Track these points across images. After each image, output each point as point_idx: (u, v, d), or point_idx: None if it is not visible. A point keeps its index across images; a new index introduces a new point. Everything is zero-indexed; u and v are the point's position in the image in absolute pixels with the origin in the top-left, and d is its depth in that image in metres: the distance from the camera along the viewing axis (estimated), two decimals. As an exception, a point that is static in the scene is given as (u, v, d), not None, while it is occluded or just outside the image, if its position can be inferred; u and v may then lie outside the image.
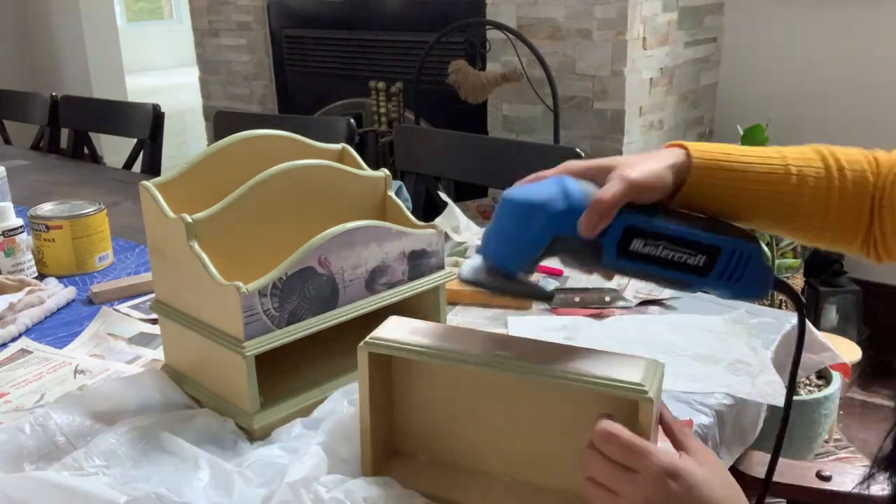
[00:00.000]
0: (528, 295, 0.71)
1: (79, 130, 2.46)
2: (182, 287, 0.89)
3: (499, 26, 2.56)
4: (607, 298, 1.16)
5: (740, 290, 0.68)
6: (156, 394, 0.89)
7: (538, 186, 0.66)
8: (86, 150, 2.47)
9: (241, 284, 0.80)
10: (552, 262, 0.70)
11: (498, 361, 0.69)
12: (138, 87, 6.52)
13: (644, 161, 0.67)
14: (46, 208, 1.34)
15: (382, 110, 3.02)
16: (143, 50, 8.85)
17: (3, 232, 1.24)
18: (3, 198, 1.63)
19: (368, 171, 1.00)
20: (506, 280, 0.68)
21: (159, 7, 10.21)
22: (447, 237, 1.33)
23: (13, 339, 1.08)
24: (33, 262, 1.31)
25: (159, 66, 9.12)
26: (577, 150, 1.52)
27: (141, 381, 0.91)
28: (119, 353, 1.06)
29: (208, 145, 0.97)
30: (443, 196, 1.51)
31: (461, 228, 1.38)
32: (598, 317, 1.12)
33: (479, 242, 0.70)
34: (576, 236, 0.64)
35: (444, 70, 2.67)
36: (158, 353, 1.03)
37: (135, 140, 2.30)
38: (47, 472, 0.74)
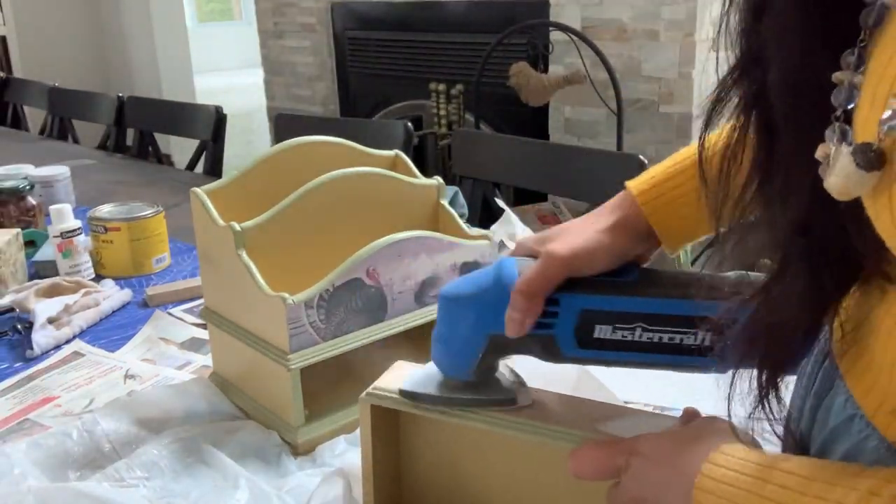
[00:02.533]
0: (487, 404, 0.59)
1: (144, 131, 2.50)
2: (230, 295, 0.88)
3: (562, 27, 2.51)
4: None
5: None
6: (203, 403, 0.89)
7: (474, 276, 0.57)
8: (150, 150, 2.51)
9: (287, 295, 0.78)
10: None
11: (507, 421, 0.59)
12: (207, 88, 6.65)
13: (578, 229, 0.57)
14: (105, 210, 1.35)
15: (442, 113, 3.00)
16: (212, 50, 9.04)
17: (62, 234, 1.26)
18: (66, 197, 1.66)
19: (421, 179, 0.97)
20: (465, 390, 0.58)
21: (230, 8, 10.41)
22: (502, 245, 1.29)
23: (67, 341, 1.09)
24: (91, 264, 1.32)
25: (228, 67, 9.29)
26: (640, 157, 1.47)
27: (188, 389, 0.91)
28: (170, 357, 1.05)
29: (271, 146, 0.96)
30: (500, 202, 1.48)
31: (518, 236, 1.34)
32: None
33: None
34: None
35: (506, 72, 2.63)
36: (208, 360, 1.02)
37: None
38: (84, 483, 0.74)
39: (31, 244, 1.36)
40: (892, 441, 0.41)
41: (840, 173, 0.37)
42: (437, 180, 0.98)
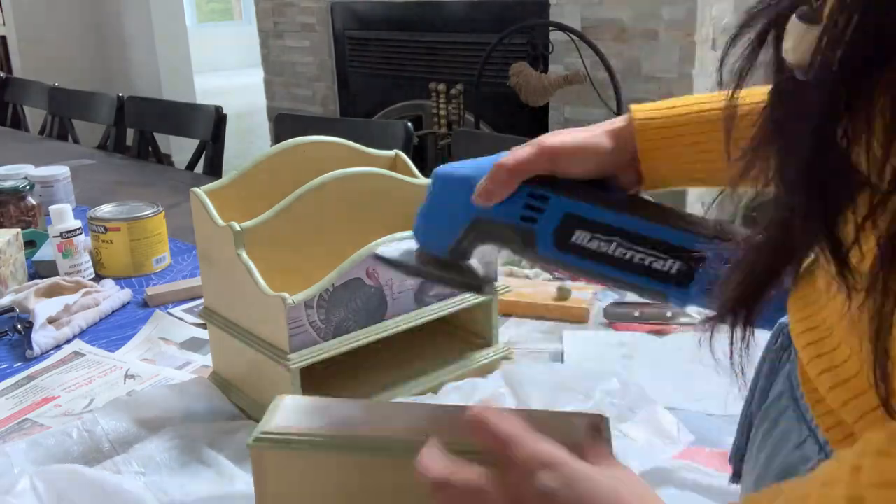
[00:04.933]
0: (454, 283, 0.61)
1: (144, 131, 2.50)
2: (230, 295, 0.88)
3: (562, 27, 2.51)
4: (669, 314, 1.11)
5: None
6: (202, 402, 0.89)
7: (473, 162, 0.59)
8: (150, 150, 2.51)
9: (286, 295, 0.78)
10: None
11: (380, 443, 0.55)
12: (207, 88, 6.66)
13: (573, 130, 0.58)
14: (105, 210, 1.35)
15: (442, 112, 3.00)
16: (212, 50, 9.03)
17: (62, 234, 1.26)
18: (66, 197, 1.66)
19: (421, 179, 0.97)
20: (436, 266, 0.59)
21: (230, 8, 10.41)
22: (503, 246, 1.29)
23: (67, 341, 1.09)
24: (91, 264, 1.32)
25: (228, 67, 9.29)
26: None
27: (188, 389, 0.91)
28: (170, 357, 1.05)
29: (271, 146, 0.96)
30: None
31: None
32: (659, 333, 1.07)
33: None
34: (500, 220, 0.55)
35: (506, 72, 2.63)
36: (208, 360, 1.02)
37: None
38: (84, 468, 0.75)
39: (31, 244, 1.36)
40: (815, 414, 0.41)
41: (789, 34, 0.36)
42: (437, 180, 0.98)
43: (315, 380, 0.85)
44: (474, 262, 0.61)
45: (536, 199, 0.55)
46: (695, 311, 1.11)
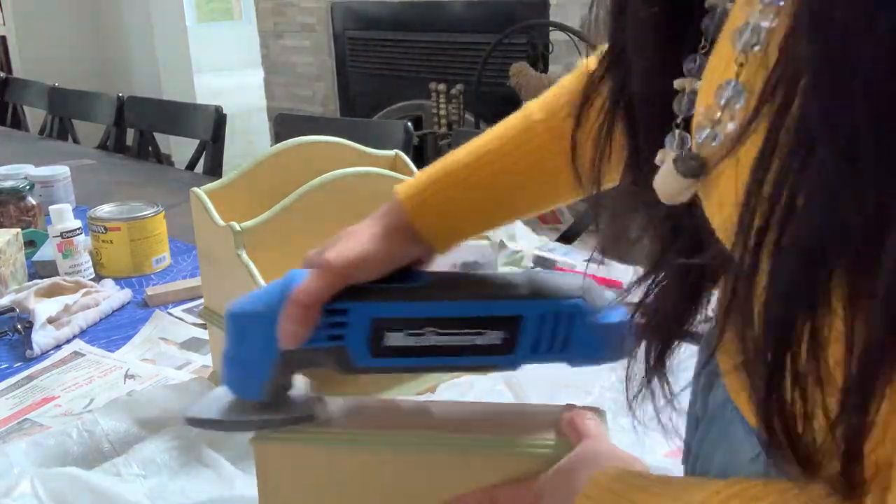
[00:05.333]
0: (285, 422, 0.56)
1: (144, 131, 2.50)
2: (230, 295, 0.87)
3: (562, 28, 2.51)
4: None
5: (582, 358, 0.54)
6: (202, 402, 0.89)
7: (262, 292, 0.56)
8: (150, 150, 2.51)
9: (286, 295, 0.78)
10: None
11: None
12: (207, 87, 6.66)
13: (354, 235, 0.56)
14: (105, 210, 1.35)
15: (442, 112, 3.01)
16: (212, 50, 9.03)
17: (62, 234, 1.26)
18: (66, 197, 1.66)
19: (421, 179, 0.97)
20: (259, 411, 0.55)
21: (230, 8, 10.41)
22: (502, 245, 1.29)
23: (67, 341, 1.09)
24: (91, 264, 1.32)
25: (228, 67, 9.29)
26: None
27: (188, 389, 0.91)
28: (170, 357, 1.05)
29: (271, 146, 0.96)
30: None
31: (517, 236, 1.34)
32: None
33: (537, 251, 0.64)
34: (307, 347, 0.52)
35: (506, 72, 2.63)
36: (208, 360, 1.02)
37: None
38: (85, 471, 0.75)
39: (31, 244, 1.36)
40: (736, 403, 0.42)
41: (662, 178, 0.37)
42: (437, 180, 0.98)
43: (314, 380, 0.85)
44: (298, 390, 0.58)
45: (337, 315, 0.53)
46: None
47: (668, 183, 0.37)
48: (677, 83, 0.38)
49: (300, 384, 0.59)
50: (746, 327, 0.31)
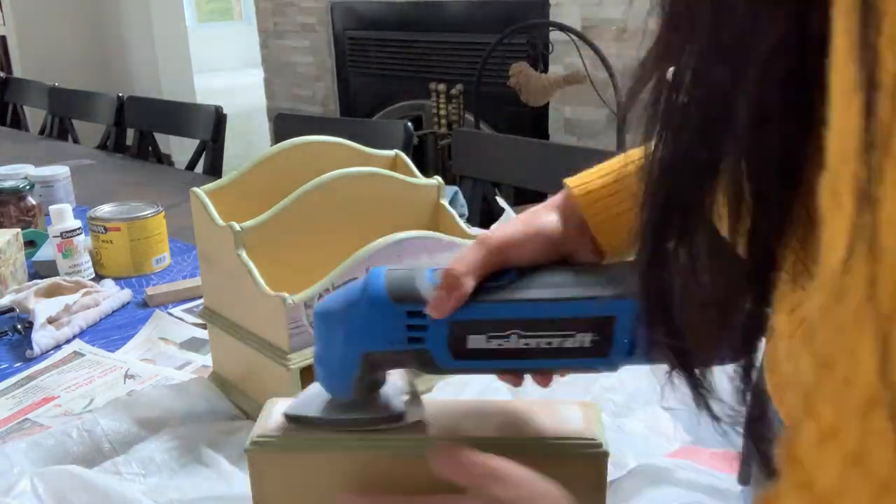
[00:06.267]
0: (363, 425, 0.56)
1: (144, 131, 2.50)
2: (229, 295, 0.88)
3: (562, 27, 2.52)
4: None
5: None
6: (202, 402, 0.89)
7: (345, 290, 0.54)
8: (150, 150, 2.51)
9: (286, 295, 0.78)
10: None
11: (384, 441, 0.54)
12: (207, 88, 6.65)
13: (516, 219, 0.55)
14: (105, 210, 1.35)
15: (442, 112, 3.00)
16: (212, 50, 9.03)
17: (62, 234, 1.26)
18: (66, 197, 1.66)
19: (421, 179, 0.97)
20: (352, 410, 0.55)
21: (230, 8, 10.41)
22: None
23: (67, 341, 1.09)
24: (91, 264, 1.32)
25: (228, 67, 9.29)
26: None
27: (188, 389, 0.91)
28: (170, 357, 1.05)
29: (271, 146, 0.96)
30: (500, 202, 1.48)
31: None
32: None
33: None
34: (389, 349, 0.51)
35: (506, 72, 2.63)
36: (208, 360, 1.02)
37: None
38: (85, 470, 0.75)
39: (31, 244, 1.36)
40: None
41: None
42: (437, 180, 0.98)
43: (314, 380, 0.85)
44: (395, 386, 0.57)
45: (416, 317, 0.51)
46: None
47: None
48: None
49: (398, 381, 0.58)
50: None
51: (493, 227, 0.55)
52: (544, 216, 0.55)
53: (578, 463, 0.53)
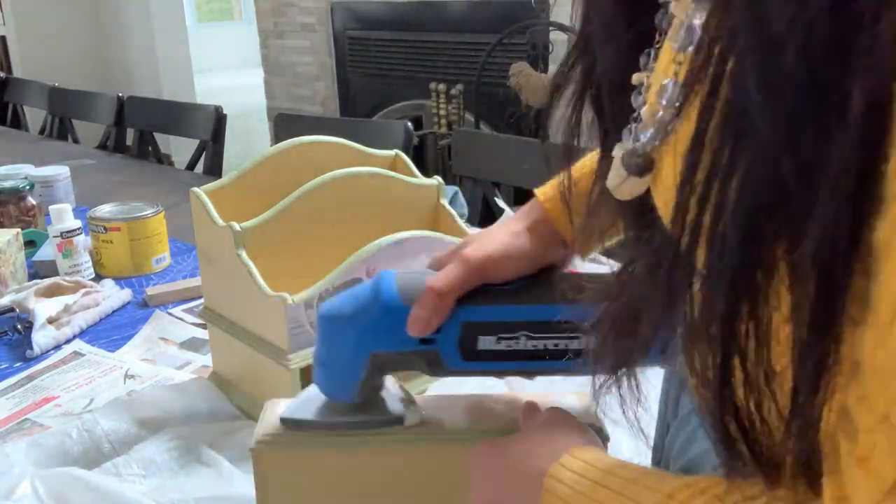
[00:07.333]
0: (366, 427, 0.56)
1: (144, 131, 2.50)
2: (230, 295, 0.88)
3: (562, 27, 2.51)
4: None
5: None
6: (202, 402, 0.89)
7: (353, 293, 0.54)
8: (150, 150, 2.51)
9: (287, 296, 0.78)
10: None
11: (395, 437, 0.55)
12: (207, 88, 6.65)
13: (492, 234, 0.56)
14: (105, 210, 1.35)
15: (442, 112, 3.00)
16: (212, 50, 9.03)
17: (62, 233, 1.26)
18: (66, 197, 1.66)
19: (421, 179, 0.97)
20: (351, 412, 0.55)
21: (230, 8, 10.40)
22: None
23: (67, 341, 1.09)
24: (91, 264, 1.32)
25: (228, 67, 9.29)
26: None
27: (188, 389, 0.91)
28: (170, 357, 1.05)
29: (271, 146, 0.96)
30: (500, 202, 1.48)
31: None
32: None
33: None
34: (399, 351, 0.52)
35: (506, 72, 2.63)
36: (208, 360, 1.02)
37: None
38: (86, 472, 0.75)
39: (31, 244, 1.36)
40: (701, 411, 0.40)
41: (611, 174, 0.37)
42: (437, 180, 0.98)
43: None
44: (389, 391, 0.58)
45: None
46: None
47: (614, 179, 0.36)
48: (635, 78, 0.38)
49: (391, 386, 0.58)
50: (692, 326, 0.31)
51: (475, 232, 0.55)
52: (519, 232, 0.56)
53: None
